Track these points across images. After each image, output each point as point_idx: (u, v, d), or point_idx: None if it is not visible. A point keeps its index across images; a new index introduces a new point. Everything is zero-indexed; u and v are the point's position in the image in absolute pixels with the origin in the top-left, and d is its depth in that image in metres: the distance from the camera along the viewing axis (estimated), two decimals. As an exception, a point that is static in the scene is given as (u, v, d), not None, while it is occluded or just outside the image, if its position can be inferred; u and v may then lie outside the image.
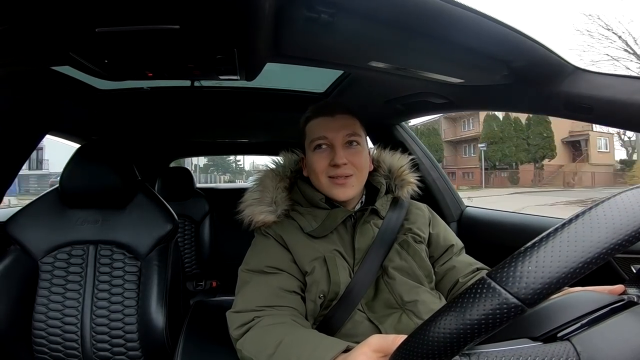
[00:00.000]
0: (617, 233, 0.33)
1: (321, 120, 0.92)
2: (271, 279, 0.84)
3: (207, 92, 1.44)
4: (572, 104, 0.88)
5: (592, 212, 0.35)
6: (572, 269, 0.33)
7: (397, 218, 0.95)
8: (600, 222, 0.34)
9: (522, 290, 0.33)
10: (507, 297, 0.33)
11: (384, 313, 0.85)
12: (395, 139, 1.73)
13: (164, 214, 1.28)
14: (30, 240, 1.19)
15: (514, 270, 0.34)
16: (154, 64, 0.83)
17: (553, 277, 0.33)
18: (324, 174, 0.89)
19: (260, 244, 0.91)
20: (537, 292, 0.33)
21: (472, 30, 0.68)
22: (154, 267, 1.21)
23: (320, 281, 0.84)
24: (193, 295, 2.32)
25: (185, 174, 2.50)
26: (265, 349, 0.69)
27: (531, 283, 0.33)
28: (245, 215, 0.93)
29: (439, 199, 1.70)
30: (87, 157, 1.21)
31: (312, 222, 0.90)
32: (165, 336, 1.15)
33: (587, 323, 0.41)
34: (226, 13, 0.60)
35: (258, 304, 0.80)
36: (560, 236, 0.34)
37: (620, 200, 0.35)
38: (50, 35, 0.65)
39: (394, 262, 0.89)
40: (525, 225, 1.41)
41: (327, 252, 0.86)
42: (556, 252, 0.33)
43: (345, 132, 0.90)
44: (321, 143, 0.90)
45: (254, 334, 0.75)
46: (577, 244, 0.33)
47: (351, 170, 0.89)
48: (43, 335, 1.16)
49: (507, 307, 0.33)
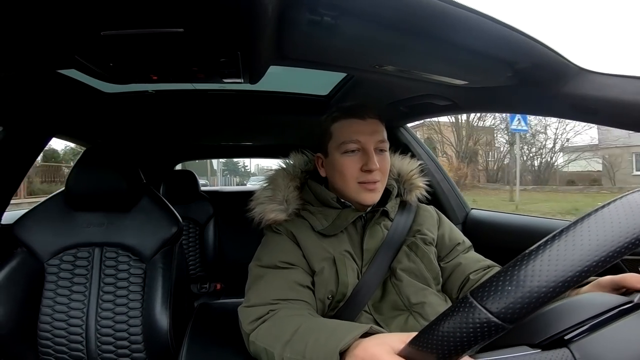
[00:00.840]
0: (599, 250, 0.33)
1: (352, 123, 0.89)
2: (285, 273, 0.83)
3: (211, 95, 1.45)
4: (578, 105, 0.87)
5: (571, 231, 0.35)
6: (551, 287, 0.33)
7: (405, 220, 0.95)
8: (583, 240, 0.34)
9: (502, 310, 0.34)
10: (487, 316, 0.34)
11: (390, 315, 0.84)
12: (399, 141, 1.72)
13: (169, 217, 1.29)
14: (36, 242, 1.20)
15: (495, 290, 0.35)
16: (158, 67, 0.84)
17: (532, 296, 0.33)
18: (354, 179, 0.88)
19: (272, 240, 0.91)
20: (516, 311, 0.33)
21: (476, 32, 0.68)
22: (159, 269, 1.22)
23: (328, 282, 0.84)
24: (197, 298, 2.32)
25: (189, 177, 2.51)
26: (282, 337, 0.66)
27: (510, 303, 0.34)
28: (256, 213, 0.92)
29: (444, 202, 1.69)
30: (93, 160, 1.22)
31: (322, 221, 0.90)
32: (170, 338, 1.16)
33: (589, 328, 0.40)
34: (229, 16, 0.60)
35: (273, 297, 0.78)
36: (542, 254, 0.35)
37: (608, 212, 0.35)
38: (56, 38, 0.66)
39: (402, 264, 0.89)
40: (530, 228, 1.40)
41: (337, 253, 0.86)
42: (537, 270, 0.34)
43: (377, 138, 0.89)
44: (354, 148, 0.88)
45: (269, 324, 0.72)
46: (557, 262, 0.34)
47: (379, 176, 0.88)
48: (48, 336, 1.16)
49: (487, 325, 0.34)
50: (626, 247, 0.33)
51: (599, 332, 0.39)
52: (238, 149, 2.99)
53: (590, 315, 0.42)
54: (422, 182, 1.01)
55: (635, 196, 0.36)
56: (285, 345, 0.64)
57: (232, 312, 0.83)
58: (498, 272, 0.36)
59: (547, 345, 0.40)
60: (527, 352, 0.40)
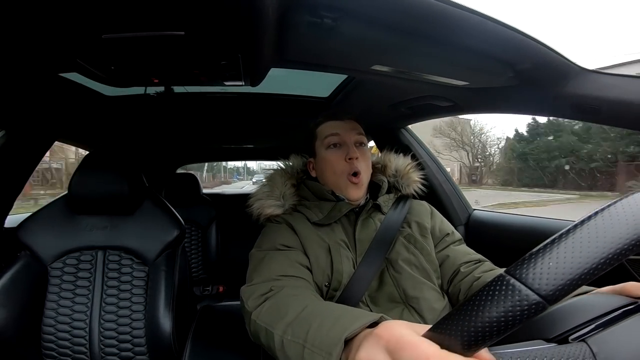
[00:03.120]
0: (637, 229, 0.32)
1: (333, 122, 1.00)
2: (286, 253, 0.86)
3: (212, 98, 1.45)
4: (579, 105, 0.87)
5: (612, 209, 0.34)
6: (594, 264, 0.32)
7: (399, 213, 0.99)
8: (620, 218, 0.33)
9: (544, 286, 0.32)
10: (527, 294, 0.32)
11: (387, 307, 0.85)
12: (400, 142, 1.72)
13: (171, 220, 1.29)
14: (39, 245, 1.20)
15: (534, 267, 0.33)
16: (159, 70, 0.84)
17: (575, 273, 0.32)
18: (342, 172, 0.95)
19: (271, 228, 0.95)
20: (559, 289, 0.32)
21: (476, 32, 0.68)
22: (162, 272, 1.22)
23: (324, 269, 0.86)
24: (200, 300, 2.31)
25: (191, 180, 2.51)
26: (284, 318, 0.63)
27: (552, 279, 0.32)
28: (254, 209, 1.00)
29: (446, 203, 1.69)
30: (95, 164, 1.22)
31: (318, 213, 0.95)
32: (173, 341, 1.16)
33: (601, 325, 0.40)
34: (230, 19, 0.61)
35: (275, 273, 0.79)
36: (581, 232, 0.34)
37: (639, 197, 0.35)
38: (57, 41, 0.66)
39: (402, 255, 0.91)
40: (533, 228, 1.39)
41: (332, 242, 0.89)
42: (577, 249, 0.33)
43: (355, 132, 0.99)
44: (335, 142, 0.97)
45: (272, 302, 0.70)
46: (597, 239, 0.33)
47: (363, 167, 0.96)
48: (52, 339, 1.17)
49: (527, 304, 0.32)
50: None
51: (612, 328, 0.39)
52: (239, 151, 2.99)
53: (601, 313, 0.42)
54: (418, 176, 1.08)
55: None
56: (287, 326, 0.61)
57: (235, 314, 0.84)
58: (535, 250, 0.35)
59: (562, 340, 0.40)
60: (545, 346, 0.39)
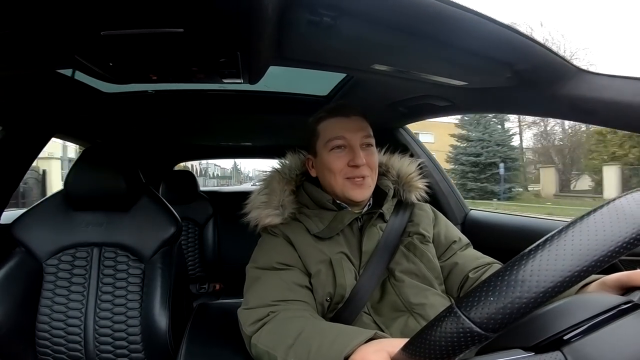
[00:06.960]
0: (582, 259, 0.34)
1: (337, 121, 0.92)
2: (283, 274, 0.83)
3: (211, 96, 1.45)
4: (576, 106, 0.87)
5: (555, 240, 0.36)
6: (532, 298, 0.34)
7: (400, 221, 0.95)
8: (566, 249, 0.35)
9: (485, 319, 0.35)
10: (470, 326, 0.36)
11: (390, 316, 0.84)
12: (398, 142, 1.73)
13: (168, 217, 1.28)
14: (35, 242, 1.20)
15: (477, 300, 0.36)
16: (158, 67, 0.83)
17: (513, 306, 0.35)
18: (342, 174, 0.89)
19: (268, 242, 0.91)
20: (498, 321, 0.35)
21: (475, 32, 0.68)
22: (158, 269, 1.22)
23: (326, 284, 0.84)
24: (196, 298, 2.32)
25: (189, 177, 2.51)
26: (284, 341, 0.66)
27: (492, 313, 0.35)
28: (251, 218, 0.93)
29: (443, 202, 1.69)
30: (92, 160, 1.22)
31: (318, 223, 0.90)
32: (168, 338, 1.15)
33: (587, 329, 0.40)
34: (229, 17, 0.60)
35: (272, 298, 0.78)
36: (524, 265, 0.36)
37: (593, 220, 0.36)
38: (56, 38, 0.66)
39: (402, 265, 0.88)
40: (529, 228, 1.40)
41: (333, 255, 0.86)
42: (518, 281, 0.35)
43: (362, 134, 0.91)
44: (340, 144, 0.90)
45: (271, 327, 0.72)
46: (539, 272, 0.35)
47: (367, 172, 0.90)
48: (47, 336, 1.16)
49: (470, 334, 0.36)
50: (610, 255, 0.34)
51: (596, 333, 0.39)
52: (237, 149, 2.99)
53: (588, 316, 0.41)
54: (422, 184, 1.01)
55: (619, 203, 0.37)
56: (289, 349, 0.65)
57: (231, 312, 0.83)
58: (482, 281, 0.38)
59: (542, 347, 0.40)
60: (520, 356, 0.40)
